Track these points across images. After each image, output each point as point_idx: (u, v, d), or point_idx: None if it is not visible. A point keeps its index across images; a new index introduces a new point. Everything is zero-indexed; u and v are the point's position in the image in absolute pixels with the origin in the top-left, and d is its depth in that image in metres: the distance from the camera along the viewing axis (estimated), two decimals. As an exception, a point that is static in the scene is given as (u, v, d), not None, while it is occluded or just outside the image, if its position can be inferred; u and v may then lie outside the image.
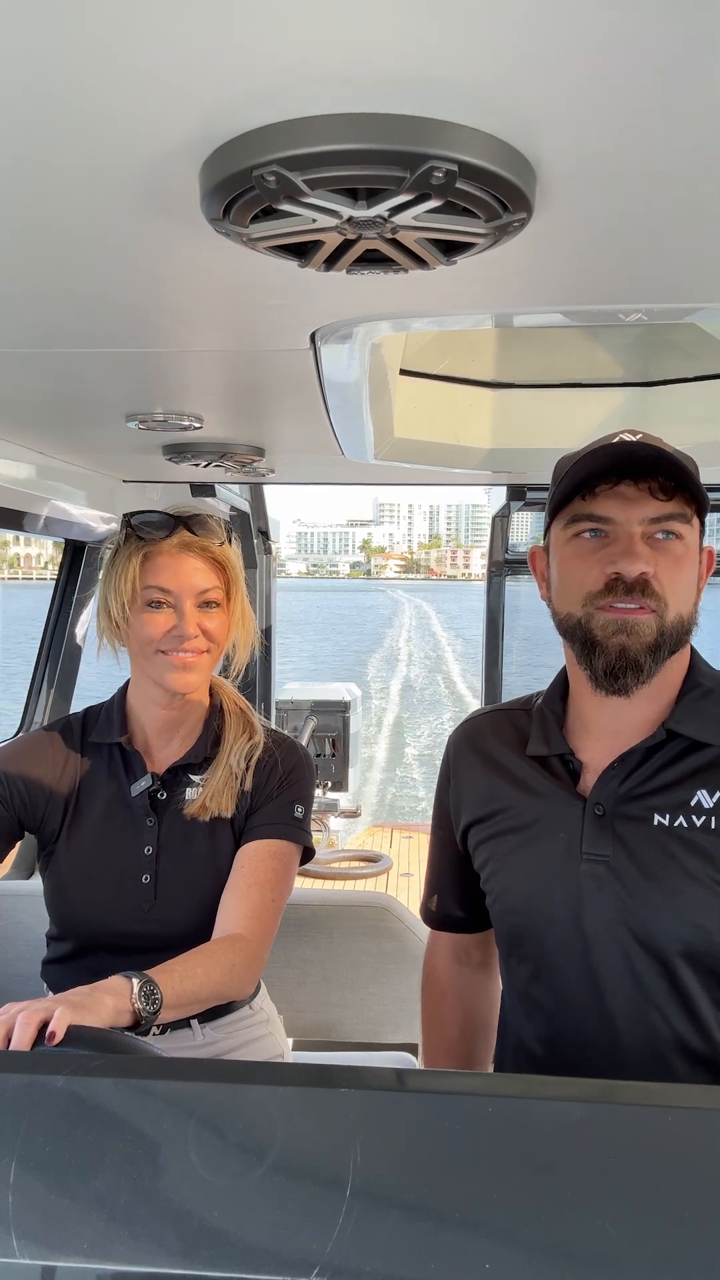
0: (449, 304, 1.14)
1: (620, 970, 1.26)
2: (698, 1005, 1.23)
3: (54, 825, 1.69)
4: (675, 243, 0.93)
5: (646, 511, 1.22)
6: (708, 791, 1.25)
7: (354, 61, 0.61)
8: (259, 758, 1.70)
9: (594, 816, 1.29)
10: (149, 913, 1.63)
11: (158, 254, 0.95)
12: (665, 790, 1.27)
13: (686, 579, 1.24)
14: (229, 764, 1.68)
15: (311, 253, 0.84)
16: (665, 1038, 1.25)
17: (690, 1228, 0.61)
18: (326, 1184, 0.64)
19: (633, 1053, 1.26)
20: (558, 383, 2.36)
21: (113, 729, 1.72)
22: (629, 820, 1.27)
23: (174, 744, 1.72)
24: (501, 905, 1.38)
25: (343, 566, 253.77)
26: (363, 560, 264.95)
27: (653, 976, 1.24)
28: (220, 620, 1.66)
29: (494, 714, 1.49)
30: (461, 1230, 0.63)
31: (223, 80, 0.63)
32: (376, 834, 5.80)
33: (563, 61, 0.61)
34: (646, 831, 1.26)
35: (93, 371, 1.47)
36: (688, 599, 1.25)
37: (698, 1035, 1.24)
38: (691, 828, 1.24)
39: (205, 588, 1.63)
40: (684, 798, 1.26)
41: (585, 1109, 0.70)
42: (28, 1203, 0.65)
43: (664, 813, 1.26)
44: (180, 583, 1.61)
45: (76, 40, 0.58)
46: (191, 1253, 0.62)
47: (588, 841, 1.28)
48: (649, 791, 1.28)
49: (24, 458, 2.18)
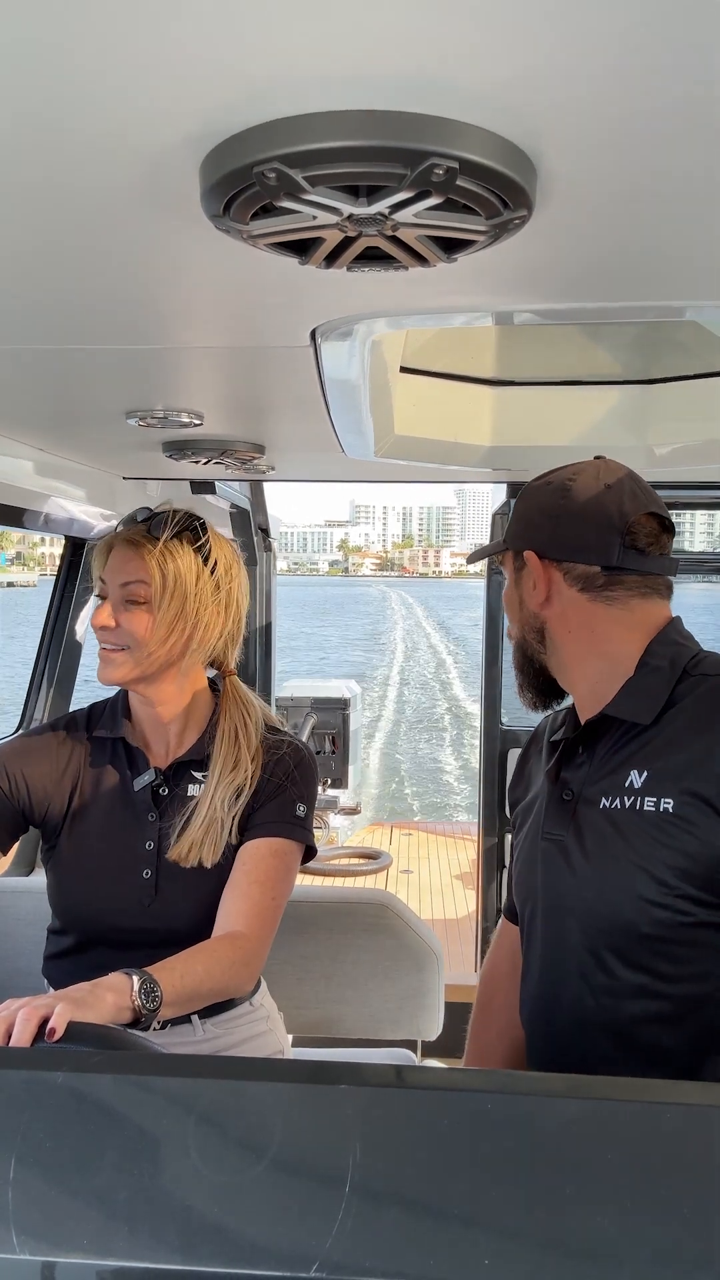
0: (449, 301, 1.14)
1: (556, 946, 1.34)
2: (619, 984, 1.28)
3: (57, 819, 1.69)
4: (675, 240, 0.93)
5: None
6: (638, 771, 1.29)
7: (354, 58, 0.61)
8: (255, 772, 1.66)
9: (560, 799, 1.37)
10: (149, 908, 1.63)
11: (158, 251, 0.95)
12: (611, 773, 1.32)
13: (507, 606, 1.48)
14: (213, 809, 1.62)
15: (312, 250, 0.84)
16: (594, 1018, 1.30)
17: (689, 1224, 0.62)
18: (326, 1180, 0.64)
19: (567, 1031, 1.33)
20: (558, 380, 2.36)
21: (116, 724, 1.72)
22: (586, 803, 1.34)
23: (171, 740, 1.72)
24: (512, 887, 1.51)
25: (322, 564, 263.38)
26: (340, 558, 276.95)
27: (581, 953, 1.31)
28: (141, 620, 1.58)
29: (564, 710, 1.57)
30: (461, 1226, 0.63)
31: (223, 77, 0.63)
32: (376, 831, 5.80)
33: (564, 59, 0.61)
34: (595, 813, 1.32)
35: (93, 368, 1.47)
36: (512, 620, 1.47)
37: (619, 1014, 1.29)
38: (623, 808, 1.29)
39: (126, 580, 1.58)
40: (620, 779, 1.30)
41: (584, 1105, 0.70)
42: (28, 1199, 0.65)
43: (608, 795, 1.31)
44: (110, 574, 1.62)
45: (76, 37, 0.58)
46: (191, 1249, 0.62)
47: (547, 822, 1.38)
48: (601, 775, 1.34)
49: (24, 454, 2.18)
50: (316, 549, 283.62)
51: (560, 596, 1.38)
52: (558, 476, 1.42)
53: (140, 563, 1.59)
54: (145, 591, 1.58)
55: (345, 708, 5.29)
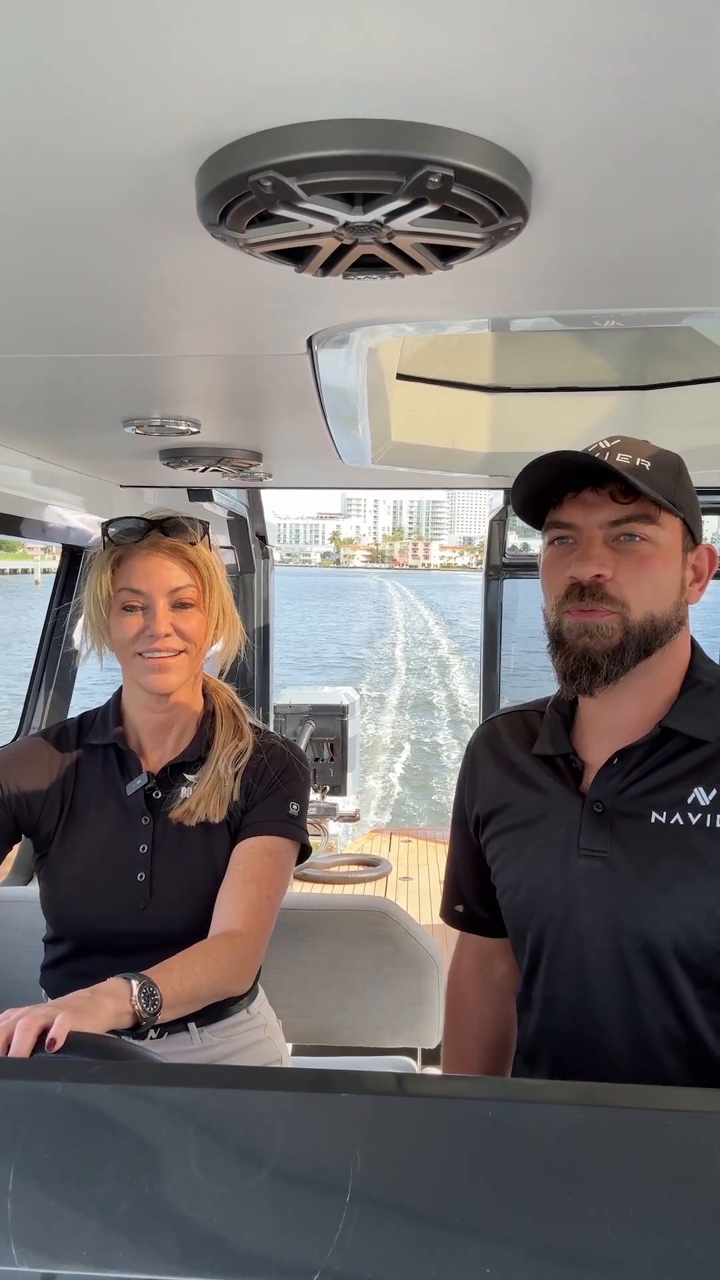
0: (445, 308, 1.14)
1: (610, 965, 1.27)
2: (684, 1001, 1.24)
3: (49, 827, 1.69)
4: (670, 247, 0.93)
5: (605, 515, 1.24)
6: (704, 789, 1.26)
7: (350, 67, 0.61)
8: (248, 762, 1.70)
9: (593, 813, 1.30)
10: (144, 911, 1.63)
11: (155, 259, 0.95)
12: (663, 788, 1.28)
13: (654, 579, 1.25)
14: (217, 770, 1.68)
15: (308, 258, 0.84)
16: (652, 1032, 1.26)
17: (690, 1231, 0.61)
18: (326, 1189, 0.64)
19: (618, 1048, 1.28)
20: (554, 387, 2.37)
21: (108, 730, 1.72)
22: (627, 817, 1.28)
23: (168, 744, 1.72)
24: (507, 899, 1.41)
25: (314, 556, 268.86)
26: (332, 550, 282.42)
27: (642, 972, 1.25)
28: (196, 620, 1.65)
29: (511, 715, 1.51)
30: (462, 1235, 0.63)
31: (219, 85, 0.63)
32: (376, 838, 5.79)
33: (559, 67, 0.61)
34: (644, 829, 1.27)
35: (90, 376, 1.47)
36: (659, 599, 1.25)
37: (683, 1030, 1.25)
38: (687, 825, 1.24)
39: (176, 586, 1.63)
40: (681, 795, 1.26)
41: (585, 1113, 0.70)
42: (26, 1210, 0.64)
43: (661, 810, 1.26)
44: (151, 583, 1.62)
45: (73, 46, 0.58)
46: (191, 1259, 0.62)
47: (585, 837, 1.30)
48: (648, 789, 1.29)
49: (22, 463, 2.18)
50: (308, 540, 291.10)
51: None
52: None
53: (186, 566, 1.65)
54: (194, 594, 1.65)
55: (344, 715, 5.27)
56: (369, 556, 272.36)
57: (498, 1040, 1.58)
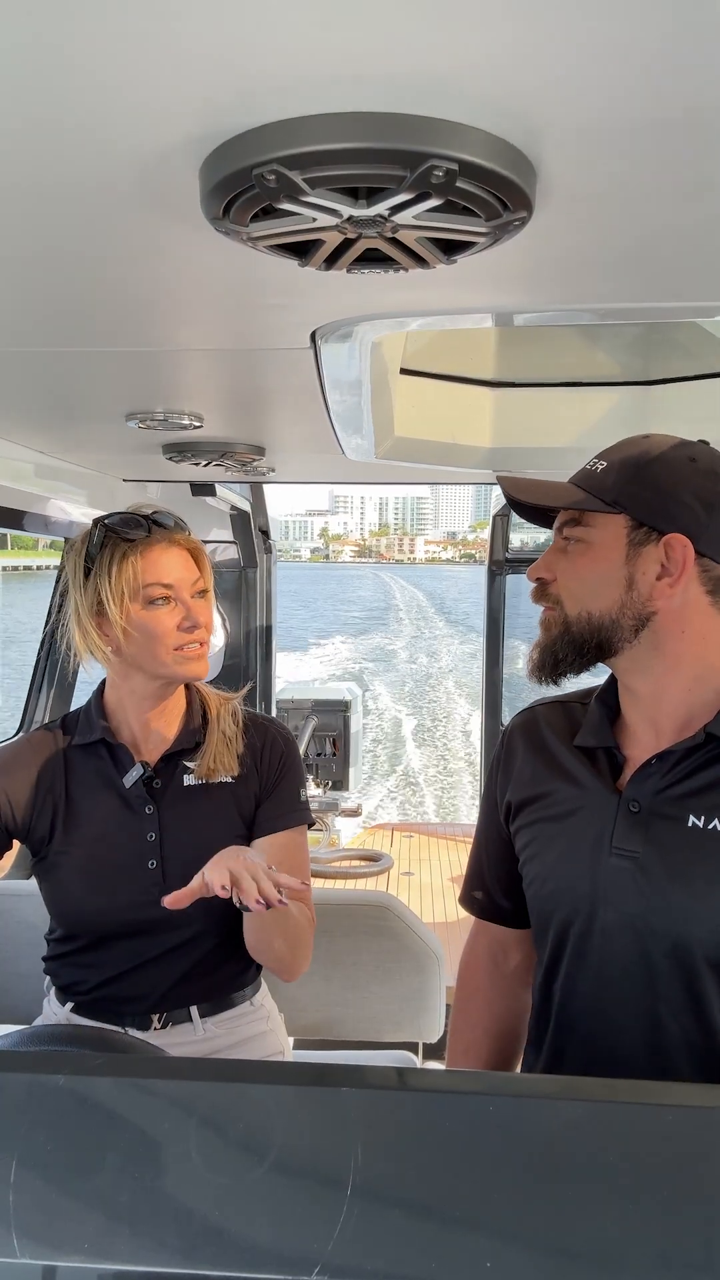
0: (449, 303, 1.14)
1: (633, 966, 1.26)
2: (708, 1006, 1.24)
3: (44, 831, 1.69)
4: (675, 241, 0.93)
5: (560, 523, 1.34)
6: None
7: (354, 60, 0.61)
8: (243, 730, 1.77)
9: (628, 812, 1.29)
10: (159, 896, 1.64)
11: (158, 253, 0.95)
12: (702, 792, 1.27)
13: (582, 576, 1.29)
14: (222, 729, 1.74)
15: (311, 252, 0.84)
16: (670, 1035, 1.25)
17: (692, 1226, 0.62)
18: (327, 1183, 0.64)
19: (633, 1048, 1.27)
20: (558, 381, 2.36)
21: (93, 727, 1.73)
22: (663, 819, 1.27)
23: (159, 735, 1.74)
24: (533, 890, 1.40)
25: (304, 551, 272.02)
26: (321, 545, 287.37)
27: (667, 975, 1.24)
28: (209, 611, 1.72)
29: (552, 704, 1.50)
30: (463, 1229, 0.63)
31: (222, 79, 0.63)
32: (378, 833, 5.80)
33: (564, 60, 0.61)
34: (679, 831, 1.26)
35: (93, 371, 1.47)
36: (591, 596, 1.27)
37: (702, 1034, 1.24)
38: None
39: (197, 578, 1.69)
40: (716, 800, 1.25)
41: (586, 1108, 0.70)
42: (29, 1202, 0.65)
43: (699, 814, 1.25)
44: (178, 576, 1.65)
45: (75, 39, 0.58)
46: (192, 1252, 0.62)
47: (618, 836, 1.29)
48: (686, 793, 1.27)
49: (24, 457, 2.18)
50: (298, 537, 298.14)
51: (685, 593, 1.27)
52: (700, 454, 1.31)
53: (199, 559, 1.72)
54: (204, 584, 1.72)
55: (346, 710, 5.27)
56: (357, 551, 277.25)
57: (506, 1032, 1.58)
